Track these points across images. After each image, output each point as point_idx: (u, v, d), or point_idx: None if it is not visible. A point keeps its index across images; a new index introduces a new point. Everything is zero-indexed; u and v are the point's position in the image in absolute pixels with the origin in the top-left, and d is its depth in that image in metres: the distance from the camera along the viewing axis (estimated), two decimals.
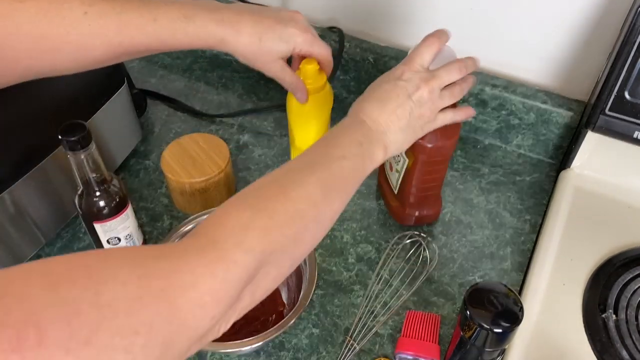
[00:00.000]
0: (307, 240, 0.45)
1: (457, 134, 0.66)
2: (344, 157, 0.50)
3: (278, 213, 0.42)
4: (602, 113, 0.69)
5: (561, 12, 0.76)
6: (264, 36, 0.58)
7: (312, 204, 0.45)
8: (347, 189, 0.50)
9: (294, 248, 0.44)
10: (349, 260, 0.73)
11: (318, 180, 0.46)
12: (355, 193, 0.80)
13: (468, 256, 0.73)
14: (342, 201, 0.50)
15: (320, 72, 0.68)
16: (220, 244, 0.38)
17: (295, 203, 0.44)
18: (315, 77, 0.68)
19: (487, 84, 0.83)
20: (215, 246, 0.38)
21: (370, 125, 0.54)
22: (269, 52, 0.59)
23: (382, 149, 0.55)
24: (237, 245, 0.38)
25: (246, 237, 0.39)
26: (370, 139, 0.54)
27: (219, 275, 0.36)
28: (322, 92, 0.70)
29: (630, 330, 0.63)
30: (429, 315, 0.66)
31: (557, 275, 0.69)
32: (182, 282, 0.34)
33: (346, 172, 0.50)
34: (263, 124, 0.91)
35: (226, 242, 0.38)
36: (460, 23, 0.83)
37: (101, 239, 0.68)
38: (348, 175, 0.50)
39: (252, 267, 0.39)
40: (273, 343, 0.65)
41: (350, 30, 0.93)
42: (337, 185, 0.48)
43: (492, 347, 0.53)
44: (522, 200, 0.80)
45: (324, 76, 0.69)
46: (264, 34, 0.58)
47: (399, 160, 0.70)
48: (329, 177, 0.48)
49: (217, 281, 0.36)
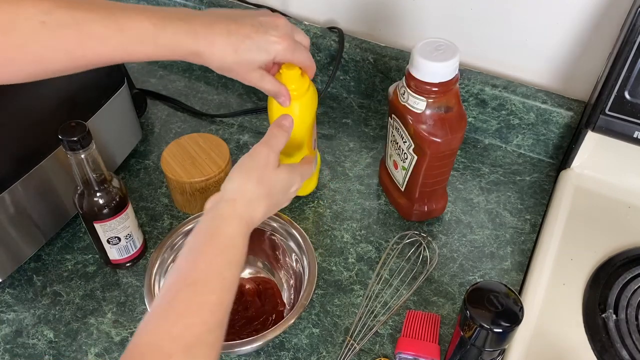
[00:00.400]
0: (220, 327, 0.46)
1: (464, 127, 0.66)
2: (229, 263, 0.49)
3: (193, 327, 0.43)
4: (602, 113, 0.69)
5: (561, 12, 0.76)
6: (240, 47, 0.55)
7: (210, 319, 0.45)
8: (235, 275, 0.49)
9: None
10: (349, 260, 0.73)
11: (208, 304, 0.45)
12: (355, 193, 0.81)
13: (468, 256, 0.73)
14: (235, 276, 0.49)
15: (303, 75, 0.65)
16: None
17: (198, 326, 0.44)
18: (299, 81, 0.65)
19: (487, 84, 0.83)
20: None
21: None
22: (246, 63, 0.57)
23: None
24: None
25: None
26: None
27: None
28: (305, 95, 0.67)
29: (630, 330, 0.63)
30: (429, 315, 0.66)
31: (557, 275, 0.69)
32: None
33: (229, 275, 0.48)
34: (263, 124, 0.91)
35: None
36: (460, 23, 0.83)
37: (101, 238, 0.68)
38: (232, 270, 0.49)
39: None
40: (273, 343, 0.65)
41: (350, 30, 0.93)
42: (228, 289, 0.48)
43: (492, 347, 0.53)
44: (522, 200, 0.80)
45: (307, 79, 0.67)
46: (240, 44, 0.55)
47: (406, 157, 0.70)
48: (220, 292, 0.47)
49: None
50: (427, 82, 0.63)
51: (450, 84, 0.63)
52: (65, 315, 0.68)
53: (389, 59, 0.88)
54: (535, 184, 0.82)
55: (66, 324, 0.68)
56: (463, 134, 0.67)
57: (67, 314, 0.69)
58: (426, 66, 0.62)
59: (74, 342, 0.66)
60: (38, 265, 0.73)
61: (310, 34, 0.92)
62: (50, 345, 0.66)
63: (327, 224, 0.77)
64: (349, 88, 0.95)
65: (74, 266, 0.73)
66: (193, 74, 1.01)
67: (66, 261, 0.74)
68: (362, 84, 0.94)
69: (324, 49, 0.92)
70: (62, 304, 0.70)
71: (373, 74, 0.91)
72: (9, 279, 0.72)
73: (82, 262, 0.74)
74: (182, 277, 0.46)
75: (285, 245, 0.69)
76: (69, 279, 0.72)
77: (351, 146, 0.88)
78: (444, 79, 0.62)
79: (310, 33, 0.92)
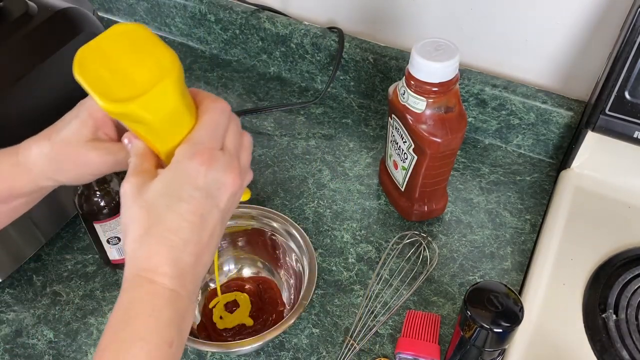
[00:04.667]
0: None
1: (464, 127, 0.66)
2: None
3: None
4: (602, 113, 0.69)
5: (561, 12, 0.76)
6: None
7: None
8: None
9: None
10: (349, 260, 0.73)
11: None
12: (355, 193, 0.81)
13: (468, 256, 0.73)
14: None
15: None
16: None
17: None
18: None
19: (487, 84, 0.83)
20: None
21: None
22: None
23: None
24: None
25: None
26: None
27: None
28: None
29: (631, 330, 0.63)
30: (429, 315, 0.66)
31: (557, 275, 0.69)
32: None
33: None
34: (263, 124, 0.91)
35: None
36: (460, 23, 0.83)
37: (101, 239, 0.68)
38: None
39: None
40: (273, 343, 0.65)
41: (350, 31, 0.93)
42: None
43: (492, 347, 0.53)
44: (522, 200, 0.80)
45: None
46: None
47: (406, 157, 0.70)
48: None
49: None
50: (427, 82, 0.63)
51: (450, 84, 0.63)
52: (65, 315, 0.68)
53: (389, 59, 0.88)
54: (536, 184, 0.82)
55: (66, 324, 0.68)
56: (463, 134, 0.67)
57: (67, 314, 0.69)
58: (426, 66, 0.62)
59: (74, 342, 0.66)
60: (38, 265, 0.73)
61: (310, 34, 0.92)
62: (50, 345, 0.66)
63: (327, 224, 0.77)
64: (348, 88, 0.95)
65: (73, 266, 0.73)
66: (193, 74, 1.01)
67: (66, 261, 0.74)
68: (362, 84, 0.94)
69: (324, 49, 0.92)
70: (62, 304, 0.70)
71: (373, 74, 0.91)
72: (9, 279, 0.72)
73: (82, 262, 0.74)
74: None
75: (285, 245, 0.69)
76: (69, 279, 0.72)
77: (351, 146, 0.88)
78: (444, 79, 0.62)
79: (310, 33, 0.92)
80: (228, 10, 0.97)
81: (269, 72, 1.00)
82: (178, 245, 0.39)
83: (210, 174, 0.40)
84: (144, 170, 0.41)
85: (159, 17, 1.05)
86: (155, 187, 0.40)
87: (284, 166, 0.85)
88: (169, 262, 0.39)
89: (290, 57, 0.96)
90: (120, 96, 0.39)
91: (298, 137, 0.89)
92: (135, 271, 0.39)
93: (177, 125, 0.42)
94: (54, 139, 0.46)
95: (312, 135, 0.89)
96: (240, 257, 0.72)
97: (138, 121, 0.40)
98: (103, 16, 1.10)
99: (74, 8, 0.67)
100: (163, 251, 0.39)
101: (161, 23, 1.06)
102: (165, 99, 0.40)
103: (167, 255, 0.39)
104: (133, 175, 0.41)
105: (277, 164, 0.85)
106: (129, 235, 0.40)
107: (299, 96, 0.96)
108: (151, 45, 0.41)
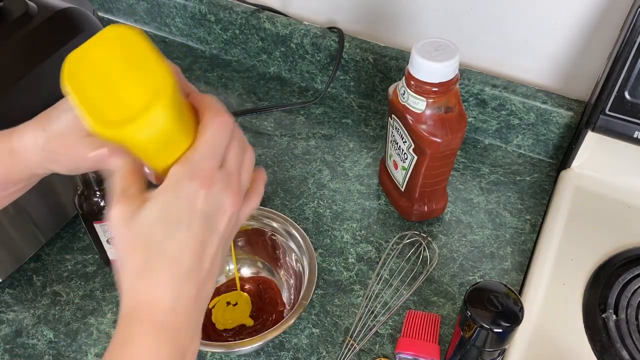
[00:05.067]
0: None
1: (464, 127, 0.66)
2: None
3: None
4: (602, 113, 0.69)
5: (561, 12, 0.76)
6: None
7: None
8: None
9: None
10: (349, 260, 0.73)
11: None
12: (355, 193, 0.81)
13: (468, 256, 0.73)
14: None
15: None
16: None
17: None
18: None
19: (487, 84, 0.83)
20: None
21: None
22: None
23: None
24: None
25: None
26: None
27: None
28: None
29: (631, 330, 0.63)
30: (429, 315, 0.66)
31: (557, 275, 0.69)
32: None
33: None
34: (263, 124, 0.91)
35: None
36: (460, 23, 0.83)
37: (101, 239, 0.68)
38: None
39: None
40: (273, 343, 0.65)
41: (350, 30, 0.93)
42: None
43: (492, 347, 0.53)
44: (522, 200, 0.80)
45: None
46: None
47: (406, 157, 0.70)
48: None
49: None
50: (427, 82, 0.63)
51: (450, 84, 0.63)
52: (65, 316, 0.68)
53: (389, 59, 0.88)
54: (535, 184, 0.82)
55: (66, 324, 0.68)
56: (463, 134, 0.67)
57: (67, 314, 0.69)
58: (426, 66, 0.62)
59: (74, 342, 0.66)
60: (38, 265, 0.73)
61: (310, 34, 0.92)
62: (50, 346, 0.66)
63: (327, 224, 0.77)
64: (348, 88, 0.95)
65: (73, 266, 0.73)
66: (193, 74, 1.01)
67: (66, 261, 0.74)
68: (362, 84, 0.94)
69: (324, 49, 0.92)
70: (62, 304, 0.70)
71: (373, 74, 0.91)
72: (9, 279, 0.72)
73: (82, 262, 0.74)
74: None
75: (285, 245, 0.69)
76: (69, 279, 0.72)
77: (351, 146, 0.88)
78: (444, 79, 0.62)
79: (310, 33, 0.92)
80: (228, 10, 0.97)
81: (269, 72, 1.00)
82: (180, 278, 0.37)
83: (210, 197, 0.37)
84: (133, 196, 0.38)
85: (159, 17, 1.05)
86: (150, 212, 0.37)
87: (284, 166, 0.85)
88: (171, 296, 0.37)
89: (290, 57, 0.96)
90: (110, 118, 0.35)
91: (298, 137, 0.89)
92: (134, 304, 0.37)
93: (172, 143, 0.38)
94: (49, 129, 0.44)
95: (312, 135, 0.89)
96: (240, 257, 0.72)
97: (130, 144, 0.37)
98: (103, 16, 1.10)
99: (74, 8, 0.67)
100: (164, 285, 0.37)
101: (161, 23, 1.06)
102: (159, 121, 0.36)
103: (168, 288, 0.37)
104: (121, 202, 0.38)
105: (277, 164, 0.85)
106: (126, 268, 0.37)
107: (299, 96, 0.96)
108: (144, 56, 0.37)
